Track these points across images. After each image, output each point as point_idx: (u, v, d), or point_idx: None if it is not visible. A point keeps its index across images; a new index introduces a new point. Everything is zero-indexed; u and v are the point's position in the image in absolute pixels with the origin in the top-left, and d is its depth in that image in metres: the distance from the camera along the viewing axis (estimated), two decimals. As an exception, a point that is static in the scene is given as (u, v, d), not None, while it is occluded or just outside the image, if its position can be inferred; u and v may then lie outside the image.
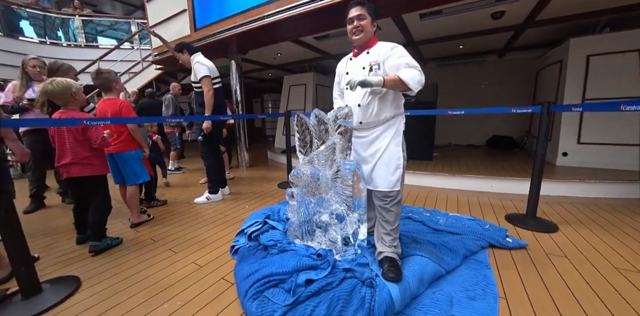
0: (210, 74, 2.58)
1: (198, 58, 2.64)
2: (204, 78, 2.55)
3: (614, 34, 3.26)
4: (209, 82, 2.56)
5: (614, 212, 2.42)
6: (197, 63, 2.58)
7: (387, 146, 1.43)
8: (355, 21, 1.39)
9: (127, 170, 2.22)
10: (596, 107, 1.78)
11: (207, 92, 2.55)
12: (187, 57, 2.70)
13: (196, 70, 2.57)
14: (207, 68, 2.57)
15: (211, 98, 2.56)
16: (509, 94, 5.39)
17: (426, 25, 3.50)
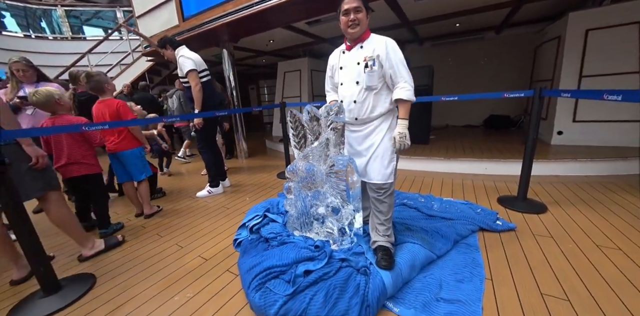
0: (196, 68, 2.50)
1: (182, 51, 2.55)
2: (190, 72, 2.47)
3: (614, 6, 3.10)
4: (195, 76, 2.49)
5: (604, 189, 2.47)
6: (182, 57, 2.49)
7: (381, 140, 1.45)
8: (352, 14, 1.33)
9: (132, 167, 2.30)
10: (582, 94, 1.77)
11: (195, 87, 2.48)
12: (171, 52, 2.60)
13: (181, 65, 2.49)
14: (192, 61, 2.48)
15: (199, 92, 2.50)
16: (507, 71, 5.24)
17: (420, 5, 3.34)
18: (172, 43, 2.60)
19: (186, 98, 2.79)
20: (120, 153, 2.23)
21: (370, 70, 1.36)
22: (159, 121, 2.86)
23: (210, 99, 2.69)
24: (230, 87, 4.38)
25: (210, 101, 2.68)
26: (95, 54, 6.23)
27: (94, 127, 1.75)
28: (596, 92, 1.46)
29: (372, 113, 1.43)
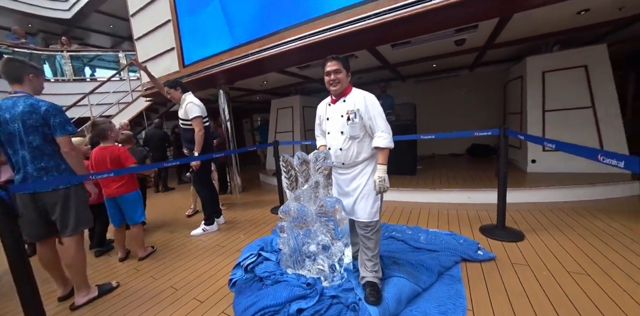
0: (202, 114, 2.80)
1: (190, 98, 2.86)
2: (197, 118, 2.75)
3: (563, 52, 3.66)
4: (200, 122, 2.77)
5: (574, 214, 2.70)
6: (190, 103, 2.78)
7: (366, 182, 1.65)
8: (333, 75, 1.61)
9: (131, 211, 2.42)
10: (530, 138, 2.07)
11: (199, 132, 2.75)
12: (179, 94, 2.90)
13: (189, 110, 2.77)
14: (200, 109, 2.79)
15: (202, 137, 2.77)
16: (483, 104, 5.80)
17: (398, 53, 3.84)
18: (183, 87, 2.94)
19: (183, 139, 3.02)
20: (121, 197, 2.37)
21: (352, 122, 1.60)
22: (160, 166, 3.05)
23: (207, 142, 2.94)
24: (225, 124, 4.69)
25: (208, 143, 2.94)
26: (96, 94, 6.60)
27: (100, 176, 1.94)
28: (539, 139, 1.76)
29: (357, 159, 1.66)
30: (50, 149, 1.71)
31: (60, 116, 1.71)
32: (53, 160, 1.72)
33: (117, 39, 9.93)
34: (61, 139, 1.71)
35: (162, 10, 4.40)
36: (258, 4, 3.37)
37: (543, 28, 3.25)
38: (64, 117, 1.73)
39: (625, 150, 3.37)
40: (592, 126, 3.50)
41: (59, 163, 1.75)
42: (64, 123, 1.71)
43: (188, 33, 4.23)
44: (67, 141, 1.73)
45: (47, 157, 1.70)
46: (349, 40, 2.97)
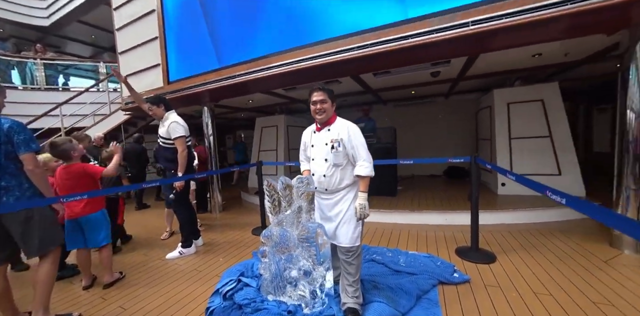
0: (185, 134, 2.79)
1: (173, 116, 2.83)
2: (180, 138, 2.73)
3: (523, 87, 4.13)
4: (184, 142, 2.75)
5: (538, 235, 2.94)
6: (174, 123, 2.75)
7: (348, 207, 1.74)
8: (319, 104, 1.73)
9: (95, 232, 2.26)
10: (495, 168, 2.32)
11: (182, 152, 2.73)
12: (162, 112, 2.84)
13: (172, 129, 2.73)
14: (183, 129, 2.77)
15: (185, 158, 2.75)
16: (458, 128, 6.29)
17: (379, 80, 4.14)
18: (166, 104, 2.88)
19: (162, 158, 2.93)
20: (85, 217, 2.20)
21: (335, 151, 1.70)
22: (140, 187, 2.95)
23: (190, 161, 2.93)
24: (208, 140, 4.68)
25: (190, 163, 2.93)
26: (70, 104, 6.35)
27: (72, 199, 1.88)
28: (501, 169, 1.97)
29: (339, 185, 1.75)
30: (13, 167, 1.69)
31: (24, 133, 1.69)
32: (15, 179, 1.69)
33: (98, 49, 9.77)
34: (25, 157, 1.68)
35: (149, 27, 4.49)
36: (245, 29, 3.56)
37: (505, 66, 3.69)
38: (27, 134, 1.72)
39: (578, 174, 3.78)
40: (551, 153, 3.90)
41: (22, 182, 1.71)
42: (28, 141, 1.70)
43: (174, 51, 4.32)
44: (31, 158, 1.70)
45: (8, 176, 1.66)
46: (334, 68, 3.20)
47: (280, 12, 3.28)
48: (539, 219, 3.32)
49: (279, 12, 3.29)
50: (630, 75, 2.28)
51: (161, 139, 2.84)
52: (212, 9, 3.83)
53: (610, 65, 3.68)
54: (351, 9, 2.89)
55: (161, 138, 2.84)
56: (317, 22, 3.07)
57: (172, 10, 4.27)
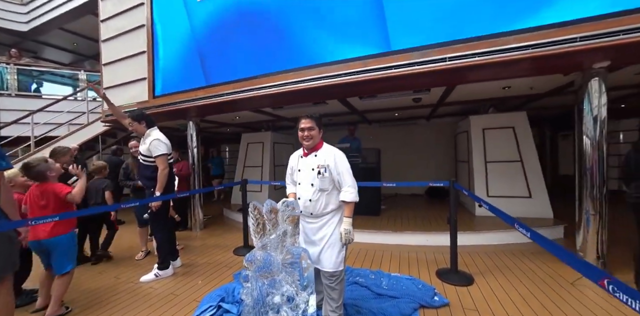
0: (168, 152, 2.74)
1: (156, 133, 2.77)
2: (162, 156, 2.67)
3: (495, 115, 4.51)
4: (165, 160, 2.69)
5: (512, 256, 3.10)
6: (157, 140, 2.69)
7: (332, 232, 1.80)
8: (306, 131, 1.82)
9: (60, 257, 2.10)
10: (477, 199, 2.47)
11: (163, 170, 2.66)
12: (144, 128, 2.77)
13: (154, 147, 2.66)
14: (166, 147, 2.72)
15: (166, 177, 2.68)
16: (439, 149, 6.67)
17: (365, 103, 4.37)
18: (149, 120, 2.82)
19: (142, 176, 2.84)
20: (52, 240, 2.04)
21: (322, 176, 1.78)
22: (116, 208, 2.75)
23: (170, 180, 2.84)
24: (192, 156, 4.64)
25: (171, 182, 2.84)
26: (44, 112, 6.10)
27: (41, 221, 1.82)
28: (477, 198, 2.15)
29: (325, 210, 1.82)
30: None
31: None
32: None
33: (79, 56, 9.56)
34: None
35: (137, 40, 4.53)
36: (235, 49, 3.67)
37: (479, 95, 4.04)
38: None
39: (546, 197, 4.08)
40: (522, 177, 4.21)
41: None
42: None
43: (161, 65, 4.34)
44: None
45: None
46: (322, 92, 3.37)
47: (271, 35, 3.45)
48: (512, 240, 3.51)
49: (270, 35, 3.46)
50: (584, 107, 2.62)
51: (142, 157, 2.78)
52: (202, 29, 3.95)
53: (569, 98, 4.11)
54: (340, 39, 3.10)
55: (142, 155, 2.78)
56: (307, 48, 3.25)
57: (161, 27, 4.35)
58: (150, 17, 4.41)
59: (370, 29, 2.95)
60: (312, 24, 3.21)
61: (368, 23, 2.96)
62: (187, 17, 4.07)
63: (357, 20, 3.01)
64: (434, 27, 2.70)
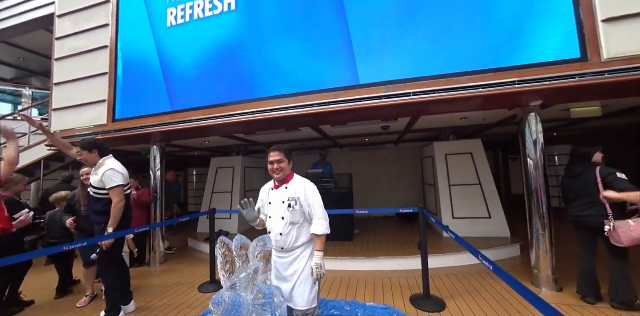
0: (124, 183, 2.51)
1: (111, 163, 2.54)
2: (118, 188, 2.44)
3: (454, 142, 4.98)
4: (121, 192, 2.47)
5: (479, 278, 3.28)
6: (111, 170, 2.46)
7: (304, 267, 1.79)
8: (276, 164, 1.84)
9: None
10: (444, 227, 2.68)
11: (118, 203, 2.44)
12: (96, 158, 2.53)
13: (108, 178, 2.42)
14: (122, 177, 2.49)
15: (121, 210, 2.45)
16: (407, 172, 7.07)
17: (336, 130, 4.57)
18: (102, 150, 2.58)
19: (92, 211, 2.55)
20: None
21: (293, 209, 1.79)
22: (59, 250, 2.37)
23: (126, 214, 2.60)
24: (154, 182, 4.36)
25: (126, 216, 2.60)
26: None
27: None
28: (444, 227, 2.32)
29: (296, 243, 1.81)
30: None
31: None
32: None
33: (25, 72, 8.80)
34: None
35: (97, 61, 4.36)
36: (205, 76, 3.70)
37: (441, 124, 4.48)
38: None
39: (503, 217, 4.46)
40: (482, 199, 4.59)
41: None
42: None
43: (124, 88, 4.19)
44: None
45: None
46: (295, 120, 3.49)
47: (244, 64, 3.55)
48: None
49: (243, 63, 3.55)
50: (526, 135, 3.06)
51: (93, 189, 2.51)
52: (170, 54, 3.95)
53: (514, 128, 4.71)
54: (312, 72, 3.29)
55: (93, 188, 2.51)
56: (280, 77, 3.39)
57: (125, 49, 4.26)
58: (115, 38, 4.32)
59: (340, 62, 3.19)
60: (284, 55, 3.39)
61: (339, 57, 3.20)
62: (154, 42, 4.06)
63: (328, 53, 3.24)
64: (398, 65, 3.01)
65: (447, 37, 2.89)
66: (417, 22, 2.99)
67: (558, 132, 5.76)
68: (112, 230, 2.43)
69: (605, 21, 2.48)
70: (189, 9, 3.88)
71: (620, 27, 2.45)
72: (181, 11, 3.92)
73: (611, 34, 2.46)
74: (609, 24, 2.47)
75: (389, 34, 3.06)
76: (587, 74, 2.48)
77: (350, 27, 3.17)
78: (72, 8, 4.65)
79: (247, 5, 3.60)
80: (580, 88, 2.55)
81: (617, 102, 3.34)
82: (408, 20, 3.01)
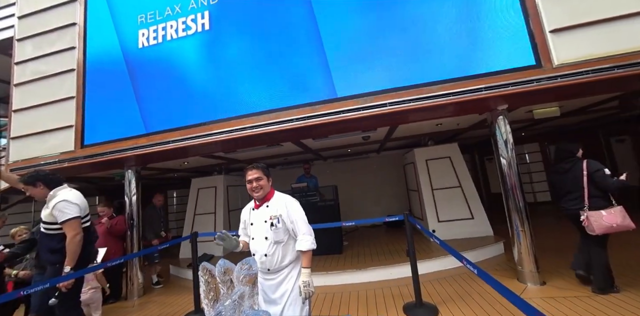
0: (79, 215, 2.23)
1: (63, 194, 2.25)
2: (72, 220, 2.16)
3: (433, 147, 5.19)
4: (77, 225, 2.18)
5: (469, 280, 3.31)
6: (63, 202, 2.17)
7: (293, 286, 1.74)
8: (255, 182, 1.80)
9: None
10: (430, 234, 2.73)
11: (74, 237, 2.14)
12: (43, 191, 2.25)
13: (59, 211, 2.14)
14: (76, 208, 2.21)
15: (78, 245, 2.16)
16: (390, 179, 7.22)
17: (318, 143, 4.62)
18: (48, 181, 2.28)
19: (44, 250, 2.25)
20: None
21: (275, 228, 1.74)
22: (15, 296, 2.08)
23: (87, 248, 2.32)
24: (130, 208, 4.13)
25: (87, 250, 2.32)
26: None
27: None
28: (430, 233, 2.38)
29: (282, 263, 1.76)
30: None
31: None
32: None
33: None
34: None
35: (63, 85, 4.19)
36: (179, 95, 3.66)
37: (418, 131, 4.67)
38: None
39: (485, 217, 4.62)
40: (463, 200, 4.75)
41: None
42: None
43: (94, 112, 4.03)
44: None
45: None
46: (276, 136, 3.50)
47: (222, 82, 3.55)
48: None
49: (220, 81, 3.56)
50: (497, 136, 3.26)
51: (43, 225, 2.23)
52: (142, 74, 3.89)
53: (486, 130, 4.99)
54: (290, 85, 3.34)
55: (43, 223, 2.23)
56: (257, 94, 3.41)
57: (93, 72, 4.14)
58: (82, 61, 4.20)
59: (316, 76, 3.28)
60: (259, 73, 3.44)
61: (315, 71, 3.30)
62: (124, 63, 3.98)
63: (305, 68, 3.33)
64: (372, 77, 3.15)
65: (416, 50, 3.09)
66: (388, 37, 3.17)
67: (525, 132, 6.16)
68: (69, 269, 2.12)
69: (552, 32, 2.76)
70: (162, 30, 3.88)
71: (564, 37, 2.74)
72: (153, 32, 3.91)
73: (558, 43, 2.74)
74: (555, 34, 2.75)
75: (361, 49, 3.22)
76: (543, 79, 2.72)
77: (325, 43, 3.29)
78: (33, 31, 4.50)
79: (220, 25, 3.66)
80: (538, 91, 2.78)
81: (571, 102, 3.65)
82: (379, 35, 3.20)
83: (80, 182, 6.19)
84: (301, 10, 3.40)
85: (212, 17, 3.70)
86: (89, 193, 6.80)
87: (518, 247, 3.10)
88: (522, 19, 2.87)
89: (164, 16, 3.92)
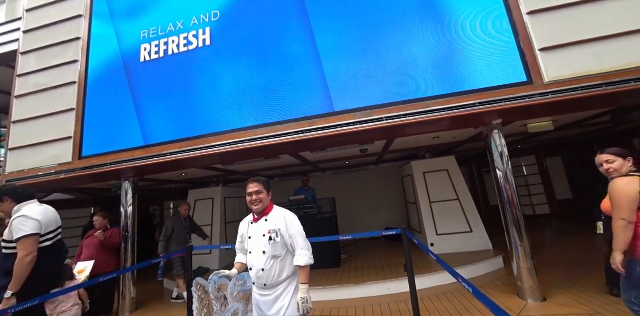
0: (37, 232, 2.01)
1: (27, 209, 2.09)
2: (27, 238, 1.94)
3: (430, 160, 5.24)
4: (32, 243, 1.96)
5: (468, 295, 3.22)
6: (22, 217, 1.99)
7: (289, 303, 1.72)
8: (254, 195, 1.82)
9: None
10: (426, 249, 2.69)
11: (24, 257, 1.89)
12: (9, 206, 2.12)
13: (15, 227, 1.96)
14: (35, 224, 2.00)
15: (27, 266, 1.90)
16: (388, 192, 7.25)
17: (316, 155, 4.66)
18: (15, 196, 2.15)
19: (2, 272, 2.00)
20: None
21: (274, 242, 1.74)
22: None
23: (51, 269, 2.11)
24: (126, 219, 4.10)
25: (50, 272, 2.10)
26: None
27: None
28: (426, 248, 2.38)
29: (279, 278, 1.75)
30: None
31: None
32: None
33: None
34: None
35: (63, 98, 4.25)
36: (178, 108, 3.73)
37: (415, 144, 4.74)
38: None
39: (484, 230, 4.61)
40: (462, 213, 4.75)
41: None
42: None
43: (94, 124, 4.08)
44: None
45: None
46: (273, 149, 3.53)
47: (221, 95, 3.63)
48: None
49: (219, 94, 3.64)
50: (493, 149, 3.29)
51: (4, 243, 2.06)
52: (143, 88, 3.97)
53: (482, 143, 5.05)
54: (288, 100, 3.42)
55: (4, 241, 2.06)
56: (255, 108, 3.48)
57: (94, 85, 4.21)
58: (84, 74, 4.28)
59: (315, 91, 3.37)
60: (259, 86, 3.52)
61: (313, 86, 3.39)
62: (126, 77, 4.07)
63: (303, 83, 3.42)
64: (369, 92, 3.23)
65: (412, 65, 3.20)
66: (383, 54, 3.29)
67: (521, 145, 6.25)
68: (12, 293, 1.87)
69: (541, 50, 2.87)
70: (164, 45, 4.00)
71: (553, 55, 2.86)
72: (155, 47, 4.03)
73: (547, 61, 2.86)
74: (544, 52, 2.87)
75: (358, 65, 3.33)
76: (535, 95, 2.81)
77: (322, 59, 3.40)
78: (38, 45, 4.62)
79: (221, 40, 3.78)
80: (530, 107, 2.87)
81: (565, 117, 3.74)
82: (374, 51, 3.31)
83: (75, 193, 6.15)
84: (300, 27, 3.53)
85: (214, 33, 3.84)
86: (84, 205, 6.75)
87: (517, 262, 3.07)
88: (512, 38, 3.00)
89: (167, 32, 4.06)
